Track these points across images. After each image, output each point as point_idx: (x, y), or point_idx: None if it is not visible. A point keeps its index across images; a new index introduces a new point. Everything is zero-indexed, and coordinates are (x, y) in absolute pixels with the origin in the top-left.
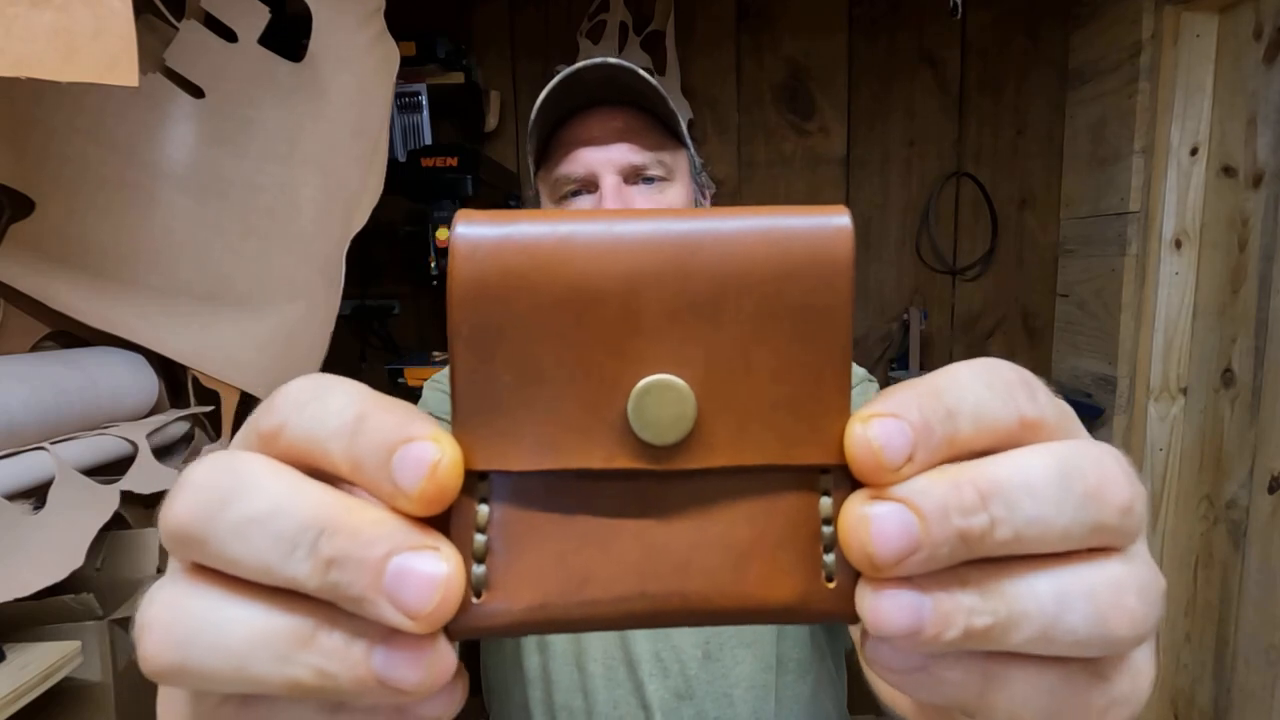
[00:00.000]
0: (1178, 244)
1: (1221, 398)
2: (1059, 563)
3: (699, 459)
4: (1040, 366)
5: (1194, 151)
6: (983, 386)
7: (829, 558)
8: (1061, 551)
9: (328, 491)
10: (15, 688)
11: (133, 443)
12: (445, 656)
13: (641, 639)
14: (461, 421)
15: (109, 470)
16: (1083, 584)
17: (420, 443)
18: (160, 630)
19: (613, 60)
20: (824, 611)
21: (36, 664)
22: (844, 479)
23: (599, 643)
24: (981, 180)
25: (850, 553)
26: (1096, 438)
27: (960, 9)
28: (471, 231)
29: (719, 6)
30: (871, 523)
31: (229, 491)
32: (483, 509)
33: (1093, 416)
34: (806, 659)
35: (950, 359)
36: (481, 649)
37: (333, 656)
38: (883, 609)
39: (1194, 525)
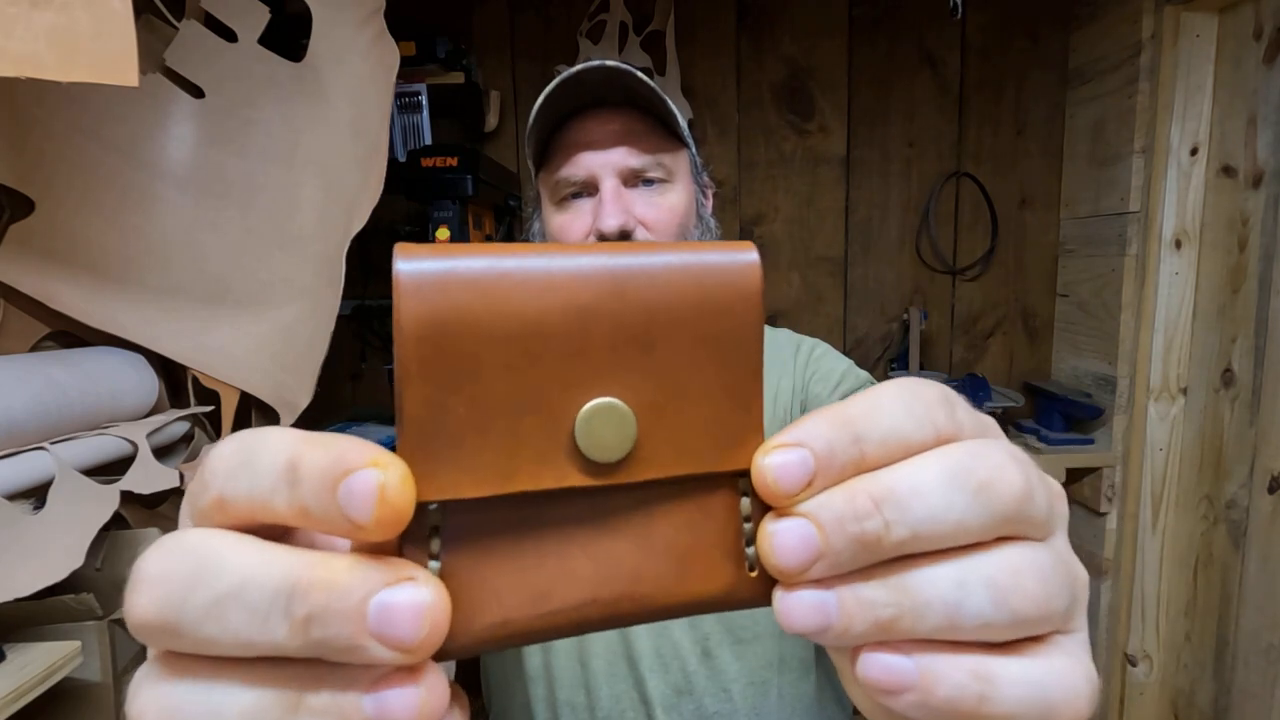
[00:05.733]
0: (1178, 244)
1: (1221, 398)
2: (961, 554)
3: (641, 472)
4: (1040, 366)
5: (1194, 151)
6: (899, 408)
7: (751, 550)
8: (966, 544)
9: (289, 551)
10: (15, 688)
11: (133, 443)
12: (438, 686)
13: (642, 636)
14: (410, 454)
15: (109, 470)
16: (981, 570)
17: (362, 471)
18: (154, 716)
19: (611, 62)
20: (749, 599)
21: (36, 664)
22: None
23: (601, 639)
24: (981, 180)
25: (765, 565)
26: (1096, 437)
27: (960, 9)
28: (413, 267)
29: (719, 7)
30: (775, 538)
31: (190, 575)
32: (434, 542)
33: (1093, 416)
34: (808, 658)
35: (950, 359)
36: None
37: (324, 715)
38: (792, 609)
39: (1194, 525)
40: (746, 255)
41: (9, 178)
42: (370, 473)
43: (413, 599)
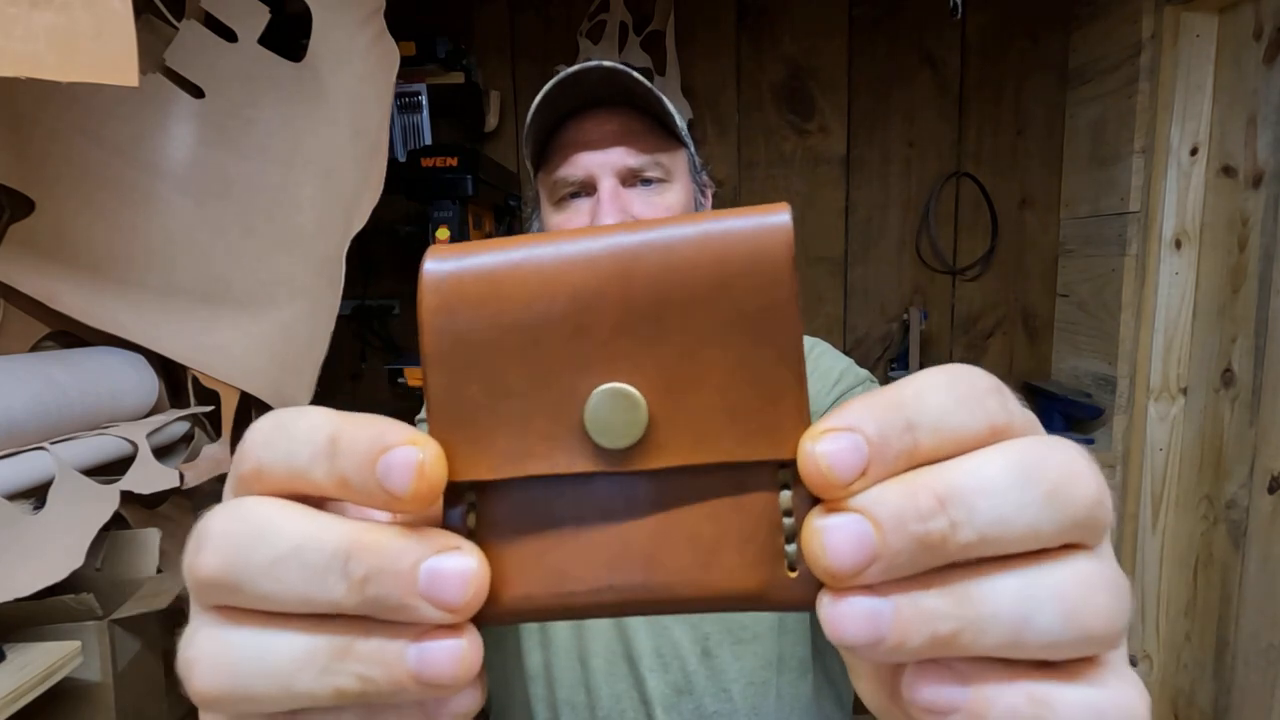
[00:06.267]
0: (1178, 244)
1: (1221, 398)
2: (1026, 562)
3: (654, 460)
4: (1040, 366)
5: (1194, 151)
6: (950, 395)
7: (791, 548)
8: (1033, 551)
9: (341, 519)
10: (15, 688)
11: (133, 443)
12: (475, 643)
13: (642, 634)
14: (438, 436)
15: (109, 470)
16: (1051, 582)
17: (401, 448)
18: (208, 663)
19: (608, 63)
20: (788, 600)
21: (36, 664)
22: None
23: (600, 638)
24: (981, 180)
25: (811, 566)
26: (1096, 437)
27: (960, 10)
28: (437, 266)
29: (719, 7)
30: (826, 535)
31: (251, 536)
32: (471, 516)
33: (1092, 416)
34: (806, 657)
35: (950, 359)
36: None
37: (371, 661)
38: (842, 618)
39: (1194, 525)
40: (776, 218)
41: (10, 178)
42: (409, 449)
43: (460, 565)
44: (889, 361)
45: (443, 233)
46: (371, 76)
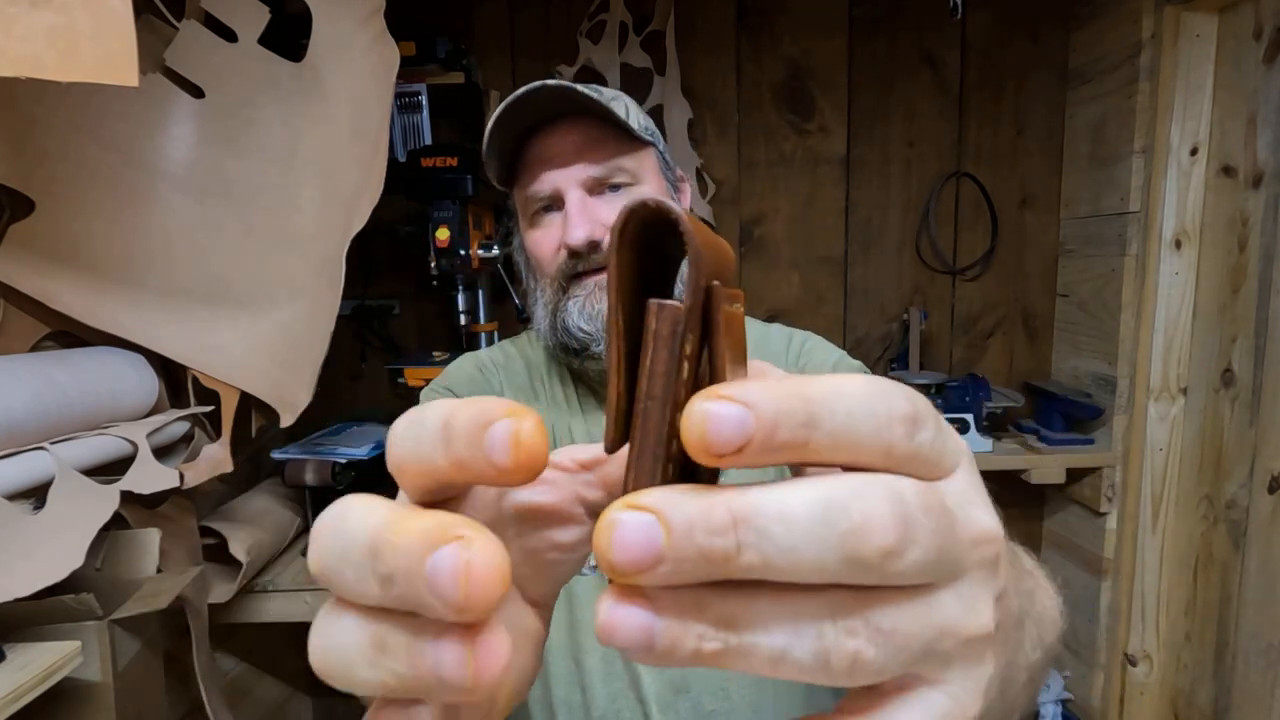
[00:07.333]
0: (1178, 244)
1: (1221, 398)
2: (805, 595)
3: None
4: (1040, 366)
5: (1194, 151)
6: (860, 407)
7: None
8: (819, 584)
9: (389, 513)
10: (15, 688)
11: (133, 443)
12: (492, 646)
13: None
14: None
15: (109, 470)
16: (816, 621)
17: (500, 421)
18: (312, 643)
19: (553, 81)
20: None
21: (36, 664)
22: None
23: (594, 637)
24: (981, 180)
25: (597, 557)
26: (1096, 438)
27: (960, 9)
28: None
29: (719, 6)
30: (616, 529)
31: (329, 536)
32: None
33: (1092, 416)
34: None
35: (950, 359)
36: None
37: (399, 658)
38: (616, 622)
39: (1194, 525)
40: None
41: (9, 178)
42: (506, 421)
43: (452, 559)
44: (889, 361)
45: (442, 233)
46: (371, 76)
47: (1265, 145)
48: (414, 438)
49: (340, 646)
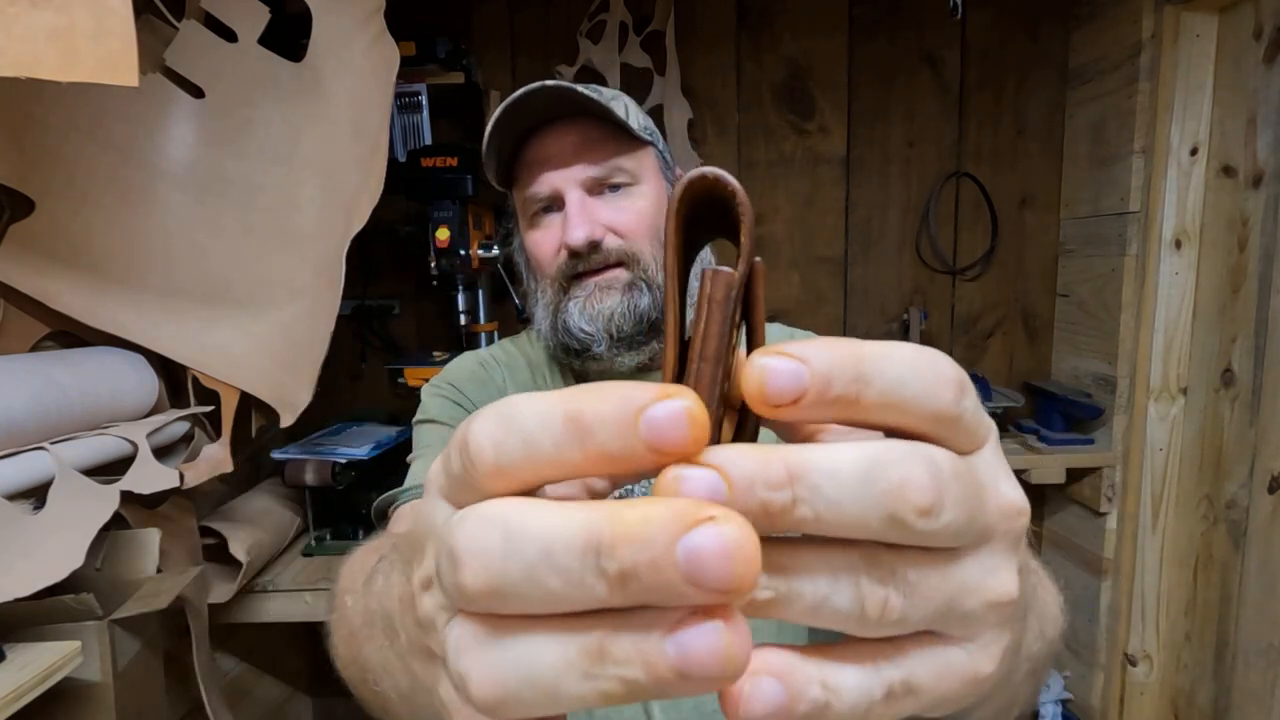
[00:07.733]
0: (1178, 244)
1: (1221, 398)
2: (844, 548)
3: None
4: (1040, 366)
5: (1194, 151)
6: (910, 370)
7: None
8: (860, 540)
9: (580, 508)
10: (15, 688)
11: (133, 443)
12: (740, 626)
13: None
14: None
15: (109, 470)
16: (853, 572)
17: (660, 403)
18: (479, 674)
19: (552, 82)
20: None
21: (36, 664)
22: None
23: None
24: (981, 180)
25: None
26: (1096, 437)
27: (960, 9)
28: None
29: (719, 6)
30: (683, 484)
31: (501, 546)
32: None
33: (1092, 416)
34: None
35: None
36: None
37: (628, 663)
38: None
39: (1194, 525)
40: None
41: (9, 177)
42: (670, 401)
43: (718, 540)
44: None
45: (442, 233)
46: (372, 76)
47: (1265, 145)
48: (517, 440)
49: (537, 669)
